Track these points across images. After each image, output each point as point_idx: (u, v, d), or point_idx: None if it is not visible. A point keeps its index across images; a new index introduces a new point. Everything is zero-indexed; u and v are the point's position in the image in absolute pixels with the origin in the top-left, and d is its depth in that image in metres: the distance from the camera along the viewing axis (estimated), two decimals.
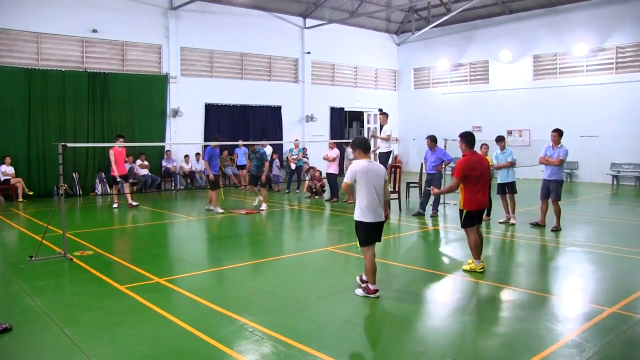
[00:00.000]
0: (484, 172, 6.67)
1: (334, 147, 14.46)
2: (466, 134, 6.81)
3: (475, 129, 21.62)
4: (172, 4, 17.49)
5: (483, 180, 6.69)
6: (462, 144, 6.78)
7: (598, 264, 7.43)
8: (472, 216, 6.68)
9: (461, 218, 6.75)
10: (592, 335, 4.65)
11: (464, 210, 6.67)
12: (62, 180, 7.85)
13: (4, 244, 9.38)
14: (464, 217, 6.69)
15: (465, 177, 6.57)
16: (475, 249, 6.71)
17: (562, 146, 9.56)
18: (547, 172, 9.62)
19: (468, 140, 6.74)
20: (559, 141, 9.58)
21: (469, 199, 6.62)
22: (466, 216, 6.68)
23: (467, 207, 6.66)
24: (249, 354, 4.30)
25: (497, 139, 10.68)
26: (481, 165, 6.68)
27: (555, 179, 9.55)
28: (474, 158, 6.68)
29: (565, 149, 9.54)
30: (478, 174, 6.60)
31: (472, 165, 6.59)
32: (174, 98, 17.66)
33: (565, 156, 9.52)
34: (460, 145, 6.79)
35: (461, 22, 22.34)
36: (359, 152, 5.82)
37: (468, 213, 6.67)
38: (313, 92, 21.82)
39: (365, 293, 5.76)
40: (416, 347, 4.50)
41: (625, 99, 17.94)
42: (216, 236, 10.19)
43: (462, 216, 6.74)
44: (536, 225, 9.82)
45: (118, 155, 12.93)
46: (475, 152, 6.83)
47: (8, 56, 14.75)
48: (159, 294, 5.97)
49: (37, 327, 4.94)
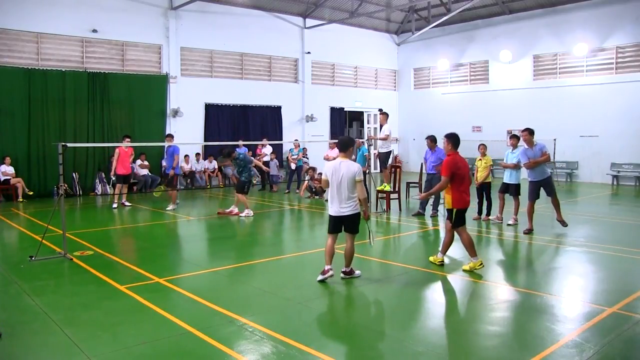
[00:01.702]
0: (466, 172, 6.83)
1: (334, 147, 14.45)
2: (452, 135, 6.96)
3: (475, 129, 21.68)
4: (172, 4, 17.49)
5: (467, 179, 6.85)
6: (448, 144, 6.92)
7: (598, 264, 7.43)
8: (462, 214, 6.80)
9: (452, 218, 6.81)
10: (592, 335, 4.65)
11: (454, 209, 6.76)
12: (62, 180, 7.84)
13: (4, 244, 9.38)
14: (456, 216, 6.77)
15: (453, 175, 6.68)
16: (470, 247, 6.77)
17: (537, 143, 9.28)
18: (535, 173, 9.24)
19: (454, 141, 6.91)
20: (532, 140, 9.26)
21: (458, 197, 6.73)
22: (457, 214, 6.77)
23: (456, 205, 6.75)
24: (249, 354, 4.30)
25: (511, 137, 10.45)
26: (464, 165, 6.85)
27: (546, 176, 9.35)
28: (457, 157, 6.83)
29: (543, 144, 9.34)
30: (463, 173, 6.74)
31: (458, 164, 6.73)
32: (174, 98, 17.66)
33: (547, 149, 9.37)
34: (446, 146, 6.94)
35: (461, 22, 22.34)
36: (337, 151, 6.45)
37: (458, 211, 6.76)
38: (313, 92, 21.82)
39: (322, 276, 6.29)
40: (416, 347, 4.50)
41: (625, 99, 17.94)
42: (216, 236, 10.18)
43: (452, 215, 6.80)
44: (529, 232, 9.27)
45: (122, 155, 12.97)
46: (458, 153, 6.95)
47: (8, 56, 14.75)
48: (159, 294, 5.97)
49: (37, 327, 4.94)
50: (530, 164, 9.21)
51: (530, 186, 9.46)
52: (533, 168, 9.22)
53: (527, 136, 9.32)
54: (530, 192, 9.43)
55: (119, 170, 13.04)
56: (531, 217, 9.35)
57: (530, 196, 9.40)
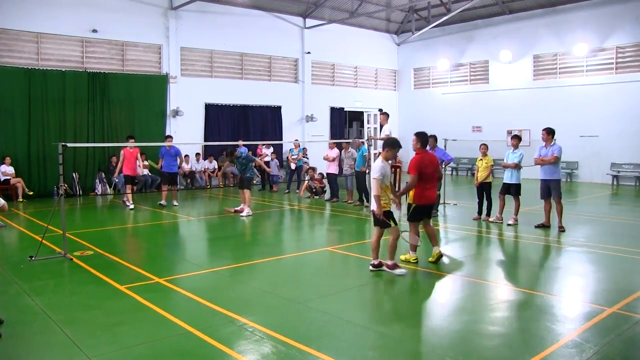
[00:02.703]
0: (434, 171, 7.13)
1: (334, 147, 14.46)
2: (421, 133, 7.25)
3: (475, 129, 21.69)
4: (172, 4, 17.49)
5: (434, 178, 7.18)
6: (417, 142, 7.16)
7: (598, 264, 7.42)
8: (420, 211, 7.10)
9: (409, 211, 7.16)
10: (592, 335, 4.65)
11: (414, 204, 7.08)
12: (62, 180, 7.84)
13: (4, 244, 9.38)
14: (412, 211, 7.11)
15: (420, 173, 6.93)
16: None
17: (554, 144, 9.58)
18: (544, 172, 9.63)
19: (422, 140, 7.19)
20: (550, 139, 9.58)
21: (420, 194, 7.04)
22: (414, 210, 7.10)
23: (417, 201, 7.07)
24: (249, 354, 4.30)
25: (512, 137, 10.55)
26: (432, 164, 7.14)
27: (555, 178, 9.56)
28: (425, 156, 7.13)
29: (558, 146, 9.55)
30: (430, 172, 7.03)
31: (425, 163, 7.02)
32: (174, 98, 17.66)
33: (559, 153, 9.51)
34: (415, 145, 7.18)
35: (461, 22, 22.34)
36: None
37: (417, 207, 7.08)
38: (313, 92, 21.82)
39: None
40: (416, 347, 4.50)
41: (625, 99, 17.94)
42: (216, 236, 10.18)
43: (410, 210, 7.14)
44: (542, 226, 9.77)
45: (128, 156, 13.05)
46: (427, 151, 7.34)
47: (8, 56, 14.75)
48: (159, 294, 5.97)
49: (37, 327, 4.94)
50: (537, 161, 9.63)
51: (541, 185, 9.81)
52: (541, 166, 9.60)
53: (544, 135, 9.66)
54: (540, 191, 9.81)
55: (125, 171, 13.04)
56: (548, 213, 9.78)
57: (541, 195, 9.78)
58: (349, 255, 7.90)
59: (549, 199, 9.70)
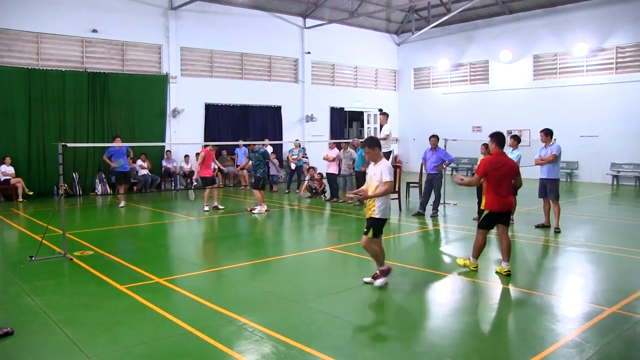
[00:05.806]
0: (509, 175, 6.50)
1: (334, 147, 14.46)
2: (497, 133, 6.72)
3: (475, 129, 21.67)
4: (172, 4, 17.48)
5: (507, 183, 6.50)
6: (491, 143, 6.69)
7: (598, 264, 7.43)
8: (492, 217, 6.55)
9: (481, 217, 6.76)
10: (592, 335, 4.65)
11: (486, 210, 6.59)
12: (62, 180, 7.85)
13: (4, 244, 9.38)
14: (484, 217, 6.66)
15: (489, 176, 6.46)
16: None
17: (553, 144, 9.69)
18: (543, 171, 9.74)
19: (498, 140, 6.67)
20: (549, 140, 9.68)
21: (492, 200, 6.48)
22: (486, 217, 6.62)
23: (489, 207, 6.52)
24: (249, 354, 4.30)
25: (511, 137, 10.43)
26: (506, 166, 6.51)
27: (552, 177, 9.58)
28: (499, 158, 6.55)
29: (557, 146, 9.64)
30: (501, 175, 6.45)
31: (496, 165, 6.47)
32: (174, 98, 17.66)
33: (558, 152, 9.57)
34: (490, 146, 6.75)
35: (461, 22, 22.33)
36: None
37: (489, 214, 6.55)
38: (313, 92, 21.81)
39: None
40: (416, 347, 4.50)
41: (625, 99, 17.94)
42: (216, 236, 10.19)
43: (482, 216, 6.74)
44: (542, 226, 9.79)
45: (208, 157, 12.68)
46: (504, 153, 6.73)
47: (8, 56, 14.75)
48: (159, 294, 5.97)
49: (37, 327, 4.94)
50: (537, 162, 9.76)
51: (539, 183, 9.86)
52: (540, 165, 9.73)
53: (542, 136, 9.74)
54: (538, 189, 9.86)
55: (203, 172, 12.67)
56: (548, 213, 9.80)
57: (539, 194, 9.83)
58: (349, 255, 7.90)
59: (547, 198, 9.73)
